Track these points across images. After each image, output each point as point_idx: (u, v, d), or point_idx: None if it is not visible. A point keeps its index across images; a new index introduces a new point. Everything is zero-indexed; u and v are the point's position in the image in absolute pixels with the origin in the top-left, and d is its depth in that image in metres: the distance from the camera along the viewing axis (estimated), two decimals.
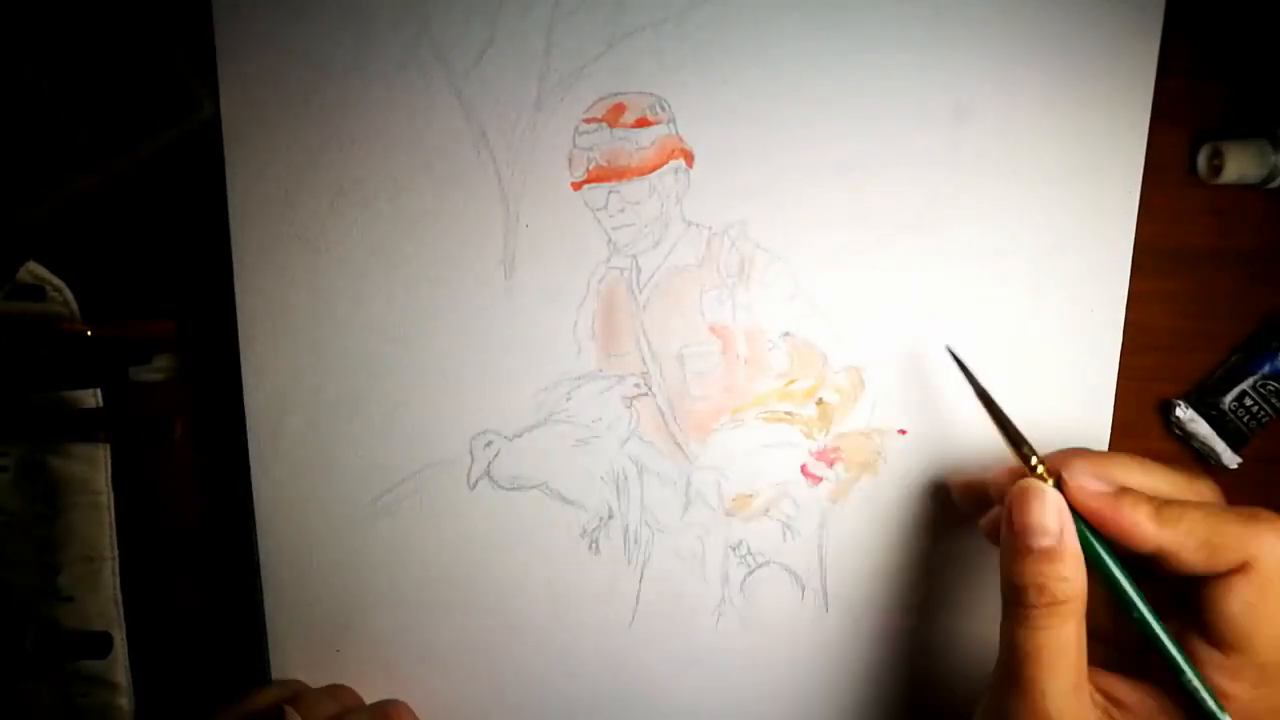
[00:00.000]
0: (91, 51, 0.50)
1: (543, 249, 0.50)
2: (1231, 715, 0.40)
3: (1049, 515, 0.43)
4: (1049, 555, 0.42)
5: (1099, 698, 0.42)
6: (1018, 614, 0.42)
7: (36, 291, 0.50)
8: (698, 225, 0.51)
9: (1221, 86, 0.54)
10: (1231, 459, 0.56)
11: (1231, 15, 0.53)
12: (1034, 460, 0.45)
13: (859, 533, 0.54)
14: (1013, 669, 0.42)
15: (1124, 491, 0.43)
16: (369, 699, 0.54)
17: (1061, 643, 0.41)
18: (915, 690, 0.55)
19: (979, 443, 0.53)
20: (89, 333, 0.51)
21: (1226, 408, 0.56)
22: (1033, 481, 0.44)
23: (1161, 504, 0.42)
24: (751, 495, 0.53)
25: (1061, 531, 0.42)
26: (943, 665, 0.55)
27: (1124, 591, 0.43)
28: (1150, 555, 0.42)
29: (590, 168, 0.50)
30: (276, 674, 0.54)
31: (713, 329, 0.52)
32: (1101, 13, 0.50)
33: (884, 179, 0.51)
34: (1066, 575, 0.41)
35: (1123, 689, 0.43)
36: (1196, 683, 0.40)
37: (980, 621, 0.54)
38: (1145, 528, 0.42)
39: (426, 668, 0.54)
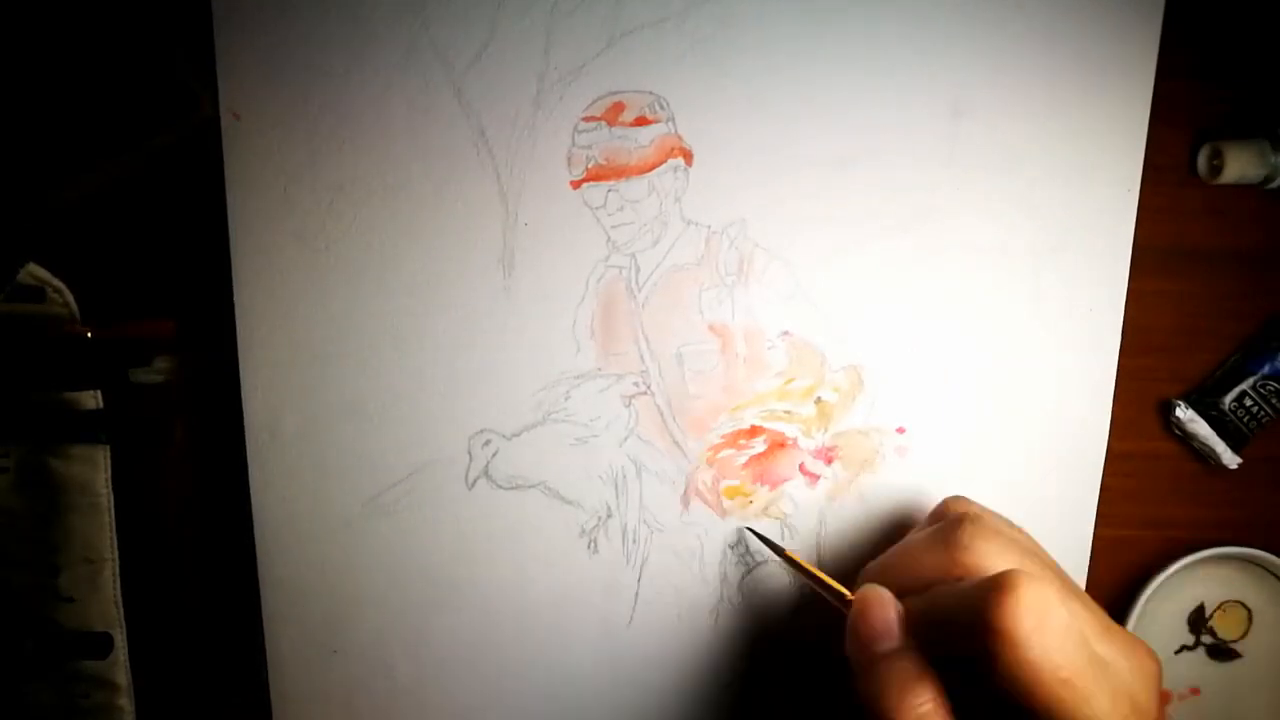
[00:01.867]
0: (91, 51, 0.50)
1: (542, 247, 0.50)
2: None
3: (888, 614, 0.43)
4: (899, 657, 0.42)
5: None
6: (889, 715, 0.41)
7: (37, 293, 0.50)
8: (697, 224, 0.51)
9: (1221, 87, 0.54)
10: (1232, 459, 0.56)
11: (1231, 14, 0.53)
12: (845, 596, 0.46)
13: (857, 531, 0.54)
14: None
15: (909, 604, 0.44)
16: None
17: None
18: None
19: (977, 440, 0.53)
20: (89, 334, 0.51)
21: (1226, 408, 0.56)
22: (871, 588, 0.45)
23: (926, 606, 0.43)
24: (750, 494, 0.53)
25: (902, 630, 0.43)
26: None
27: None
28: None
29: (589, 166, 0.50)
30: (274, 674, 0.54)
31: (711, 328, 0.52)
32: (1101, 11, 0.50)
33: (883, 178, 0.51)
34: (922, 673, 0.42)
35: None
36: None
37: None
38: (930, 637, 0.42)
39: (424, 668, 0.54)
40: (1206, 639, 0.59)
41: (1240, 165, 0.53)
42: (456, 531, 0.53)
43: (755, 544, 0.53)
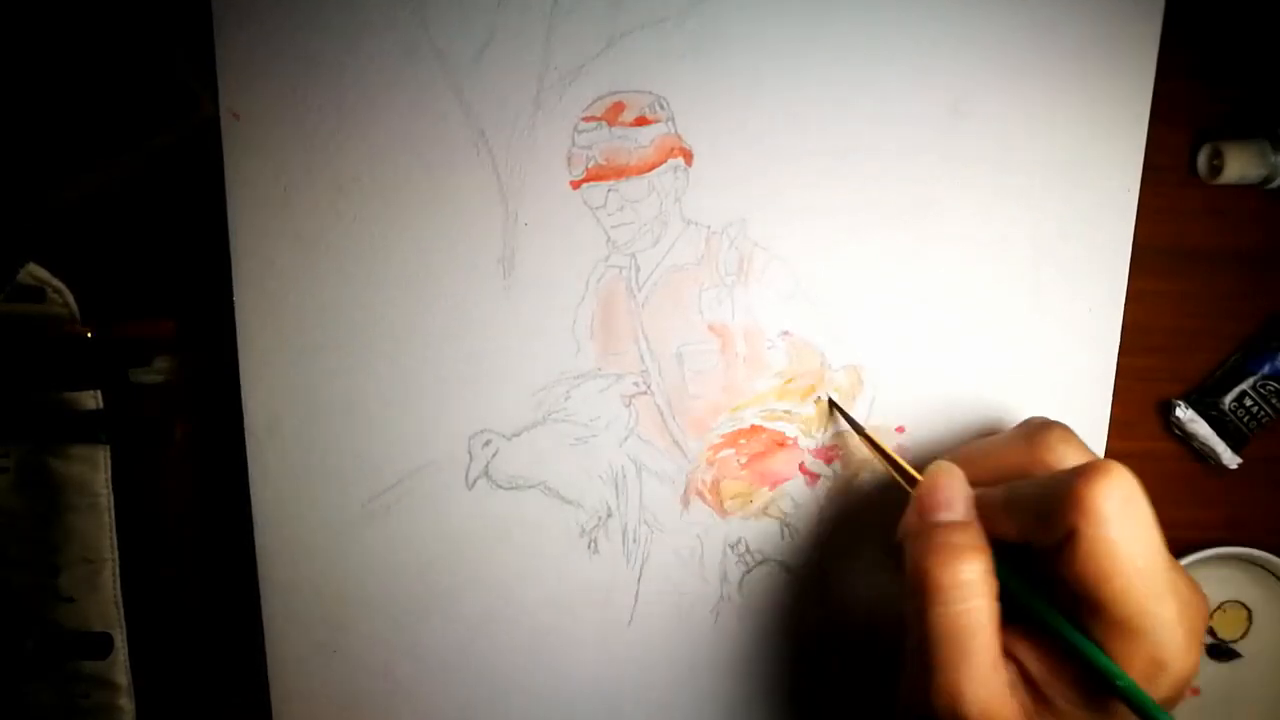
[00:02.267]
0: (92, 51, 0.50)
1: (541, 247, 0.50)
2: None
3: (955, 489, 0.44)
4: (958, 528, 0.42)
5: (1010, 666, 0.42)
6: (931, 595, 0.41)
7: (36, 293, 0.50)
8: (696, 224, 0.51)
9: (1221, 88, 0.54)
10: (1231, 459, 0.56)
11: (1232, 14, 0.53)
12: (915, 477, 0.47)
13: (858, 530, 0.53)
14: (928, 652, 0.41)
15: (981, 493, 0.44)
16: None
17: (977, 621, 0.40)
18: None
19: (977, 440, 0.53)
20: (89, 334, 0.51)
21: (1226, 408, 0.56)
22: (941, 462, 0.45)
23: (1007, 493, 0.43)
24: (750, 494, 0.53)
25: (966, 507, 0.43)
26: None
27: (1019, 590, 0.43)
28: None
29: (589, 166, 0.50)
30: (274, 674, 0.54)
31: (711, 327, 0.52)
32: (1101, 9, 0.50)
33: (883, 178, 0.51)
34: (977, 545, 0.42)
35: (1025, 651, 0.42)
36: (1098, 658, 0.40)
37: None
38: (1002, 524, 0.43)
39: (424, 668, 0.54)
40: (1207, 639, 0.59)
41: (1240, 165, 0.53)
42: (456, 532, 0.53)
43: (757, 542, 0.53)
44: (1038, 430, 0.45)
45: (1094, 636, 0.40)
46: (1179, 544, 0.57)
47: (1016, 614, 0.42)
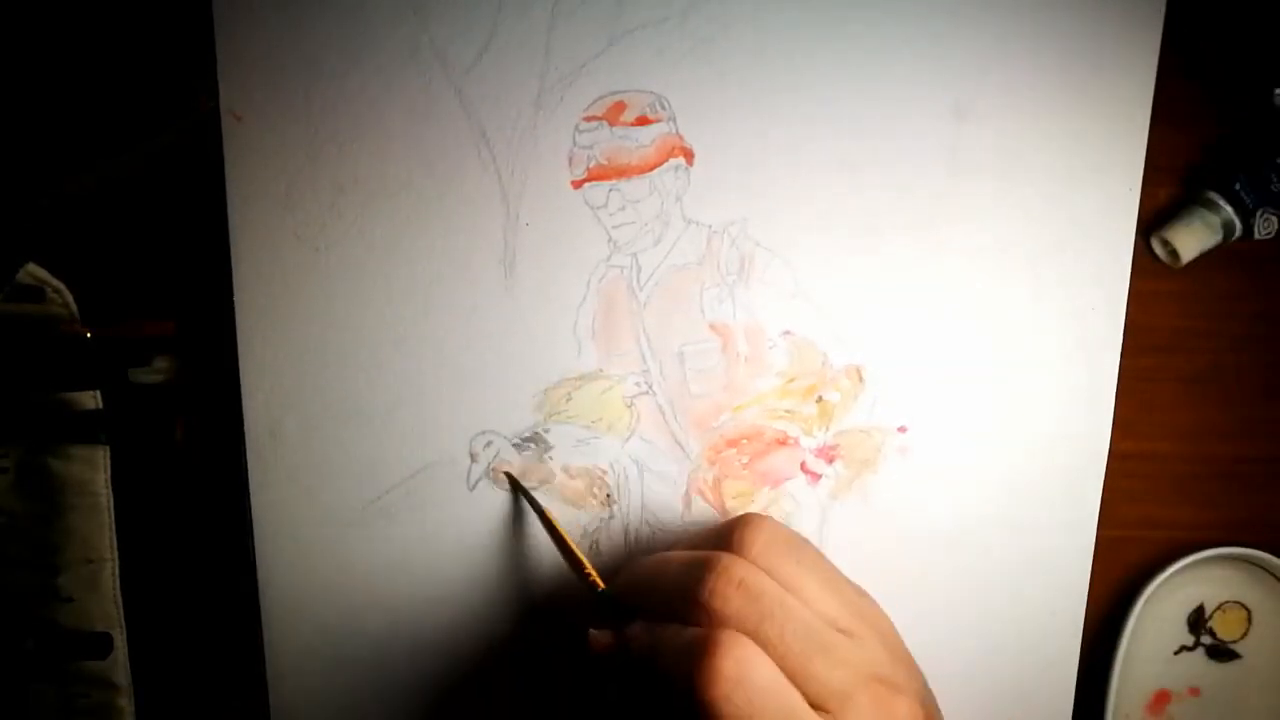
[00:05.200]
0: (91, 51, 0.50)
1: (543, 248, 0.50)
2: None
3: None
4: None
5: None
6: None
7: (36, 293, 0.50)
8: (698, 223, 0.51)
9: (1222, 88, 0.54)
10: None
11: (1232, 14, 0.53)
12: (591, 579, 0.48)
13: (859, 530, 0.54)
14: None
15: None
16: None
17: None
18: None
19: (979, 440, 0.53)
20: (88, 334, 0.51)
21: None
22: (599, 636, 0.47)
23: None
24: (752, 493, 0.53)
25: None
26: (944, 660, 0.55)
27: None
28: None
29: (590, 166, 0.50)
30: (274, 675, 0.53)
31: (713, 327, 0.52)
32: (1102, 12, 0.50)
33: (884, 177, 0.51)
34: None
35: None
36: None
37: (981, 615, 0.54)
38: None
39: (426, 670, 0.54)
40: (1206, 639, 0.59)
41: (1193, 243, 0.54)
42: (458, 533, 0.53)
43: None
44: (693, 571, 0.44)
45: None
46: (1179, 544, 0.57)
47: None
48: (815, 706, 0.40)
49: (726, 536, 0.45)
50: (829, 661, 0.41)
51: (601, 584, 0.48)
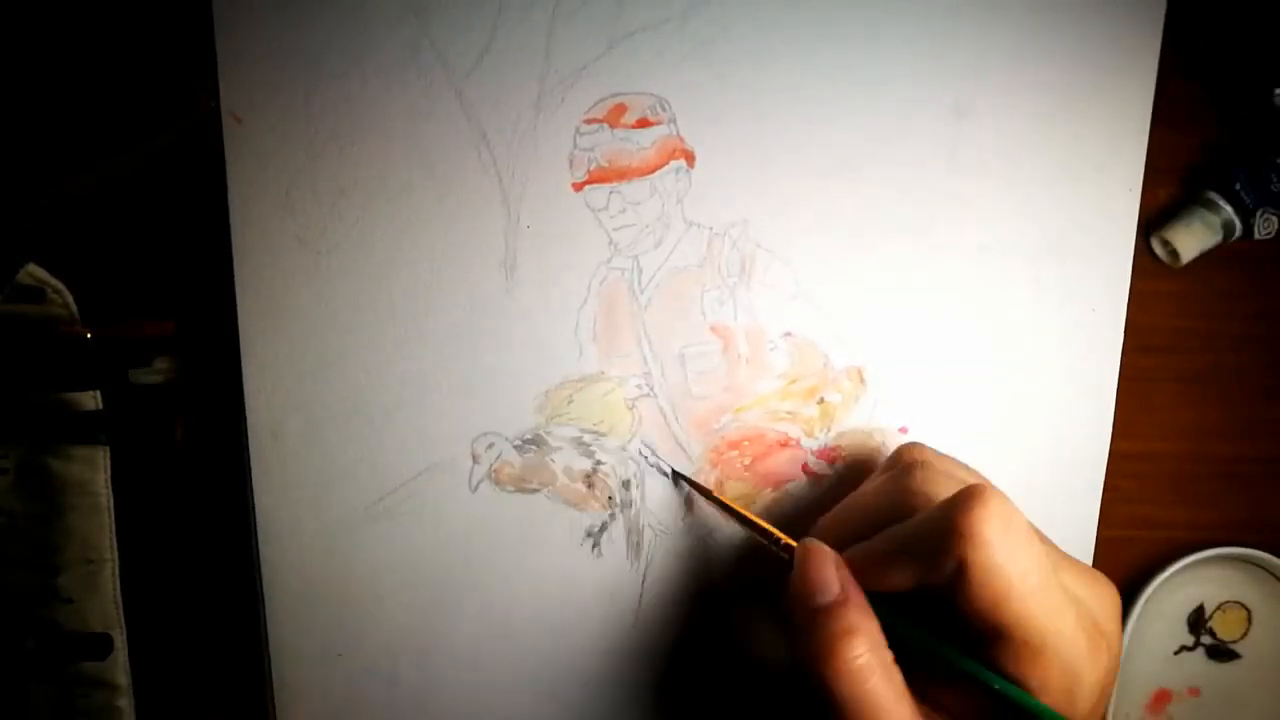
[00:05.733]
0: (91, 51, 0.50)
1: (544, 250, 0.50)
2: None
3: (824, 568, 0.43)
4: (835, 612, 0.41)
5: (924, 707, 0.41)
6: (827, 690, 0.40)
7: (36, 294, 0.50)
8: (699, 225, 0.51)
9: (1222, 88, 0.54)
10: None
11: (1232, 15, 0.53)
12: (783, 541, 0.46)
13: None
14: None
15: (858, 550, 0.44)
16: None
17: (878, 704, 0.39)
18: None
19: (980, 440, 0.53)
20: (89, 335, 0.51)
21: None
22: (811, 541, 0.44)
23: (885, 543, 0.43)
24: (754, 495, 0.53)
25: (843, 585, 0.42)
26: None
27: (921, 640, 0.42)
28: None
29: (591, 168, 0.50)
30: (277, 678, 0.54)
31: (714, 329, 0.52)
32: (1102, 12, 0.50)
33: (885, 179, 0.51)
34: (858, 625, 0.41)
35: (950, 699, 0.42)
36: (1008, 690, 0.40)
37: None
38: (888, 576, 0.42)
39: (429, 671, 0.54)
40: (1206, 639, 0.59)
41: (1193, 243, 0.54)
42: (460, 534, 0.52)
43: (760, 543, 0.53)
44: (903, 476, 0.45)
45: (1005, 665, 0.39)
46: (1179, 544, 0.58)
47: (928, 663, 0.42)
48: None
49: (897, 457, 0.47)
50: (1066, 590, 0.39)
51: (795, 544, 0.45)
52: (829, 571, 0.43)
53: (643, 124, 0.50)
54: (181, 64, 0.50)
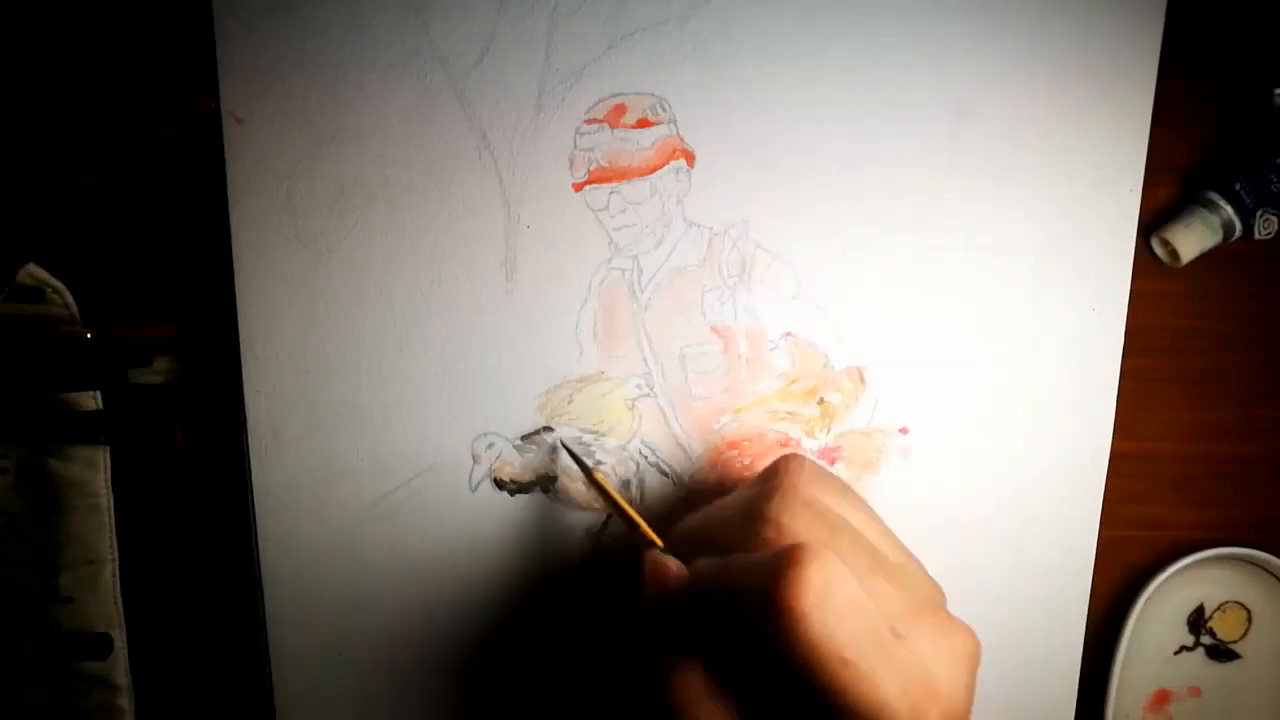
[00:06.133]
0: (91, 51, 0.50)
1: (544, 250, 0.50)
2: None
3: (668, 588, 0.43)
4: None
5: None
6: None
7: (36, 294, 0.50)
8: (699, 225, 0.51)
9: (1222, 88, 0.54)
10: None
11: (1232, 15, 0.53)
12: (648, 537, 0.46)
13: None
14: None
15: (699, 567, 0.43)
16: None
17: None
18: None
19: (981, 440, 0.53)
20: (89, 335, 0.51)
21: None
22: (652, 554, 0.44)
23: (714, 575, 0.42)
24: None
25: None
26: None
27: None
28: None
29: (591, 168, 0.50)
30: (277, 677, 0.54)
31: (714, 329, 0.52)
32: (1102, 12, 0.50)
33: (885, 179, 0.51)
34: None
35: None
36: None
37: (983, 615, 0.54)
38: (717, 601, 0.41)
39: (429, 671, 0.54)
40: (1206, 639, 0.59)
41: (1193, 243, 0.53)
42: (460, 534, 0.53)
43: None
44: (760, 501, 0.43)
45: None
46: (1179, 544, 0.57)
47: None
48: None
49: (771, 472, 0.44)
50: (891, 583, 0.40)
51: (659, 541, 0.46)
52: (665, 592, 0.43)
53: (643, 124, 0.50)
54: (181, 64, 0.49)
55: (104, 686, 0.53)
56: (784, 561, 0.37)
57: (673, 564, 0.43)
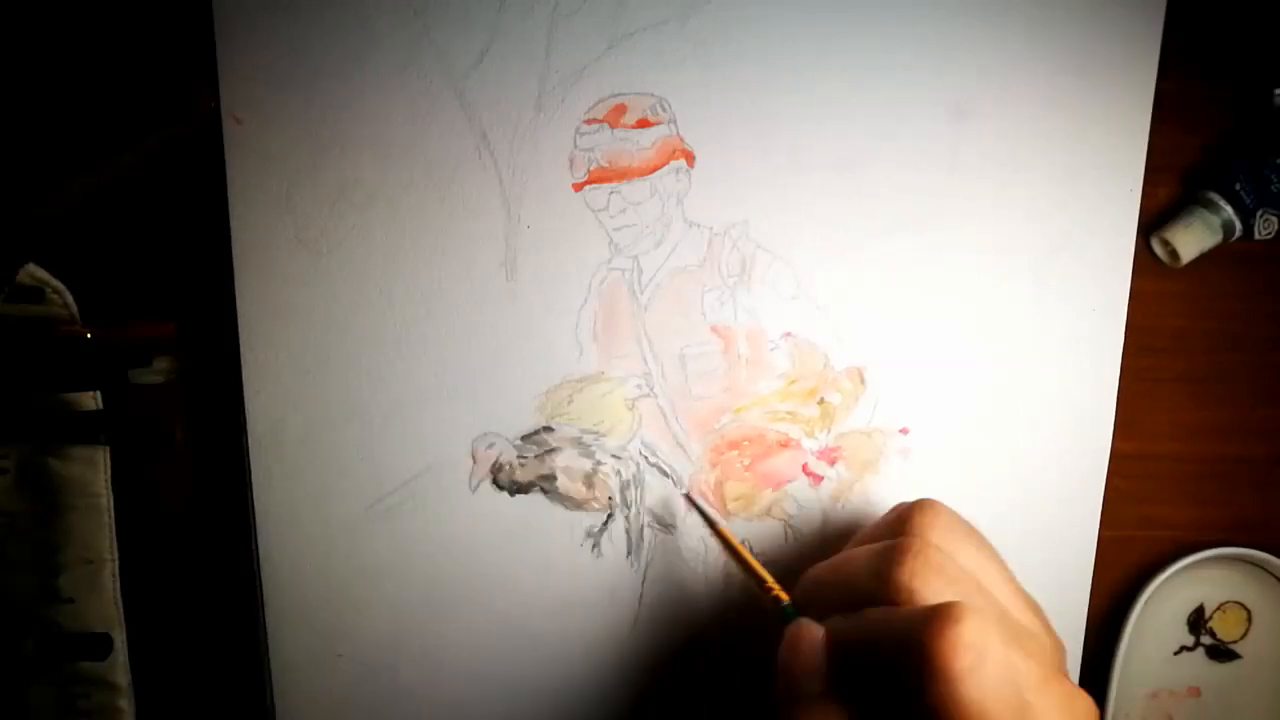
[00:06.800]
0: (92, 51, 0.50)
1: (544, 250, 0.50)
2: None
3: (814, 660, 0.42)
4: (816, 705, 0.41)
5: None
6: None
7: (36, 294, 0.50)
8: (699, 226, 0.51)
9: (1222, 88, 0.54)
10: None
11: (1232, 15, 0.53)
12: (773, 591, 0.46)
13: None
14: None
15: (838, 629, 0.42)
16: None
17: None
18: None
19: (981, 440, 0.53)
20: (89, 335, 0.51)
21: None
22: (803, 623, 0.43)
23: (860, 631, 0.41)
24: (753, 495, 0.53)
25: (824, 678, 0.41)
26: None
27: None
28: None
29: (591, 169, 0.50)
30: (277, 677, 0.54)
31: (714, 329, 0.52)
32: (1102, 12, 0.50)
33: (885, 179, 0.51)
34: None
35: None
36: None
37: None
38: (862, 660, 0.41)
39: (428, 671, 0.54)
40: (1206, 640, 0.59)
41: (1193, 243, 0.53)
42: (460, 535, 0.53)
43: (761, 543, 0.53)
44: (894, 558, 0.42)
45: None
46: (1179, 544, 0.58)
47: None
48: None
49: (904, 522, 0.44)
50: (1024, 650, 0.39)
51: (785, 596, 0.46)
52: (814, 662, 0.42)
53: (643, 124, 0.50)
54: (181, 64, 0.49)
55: (104, 687, 0.53)
56: (940, 618, 0.37)
57: (816, 631, 0.42)
